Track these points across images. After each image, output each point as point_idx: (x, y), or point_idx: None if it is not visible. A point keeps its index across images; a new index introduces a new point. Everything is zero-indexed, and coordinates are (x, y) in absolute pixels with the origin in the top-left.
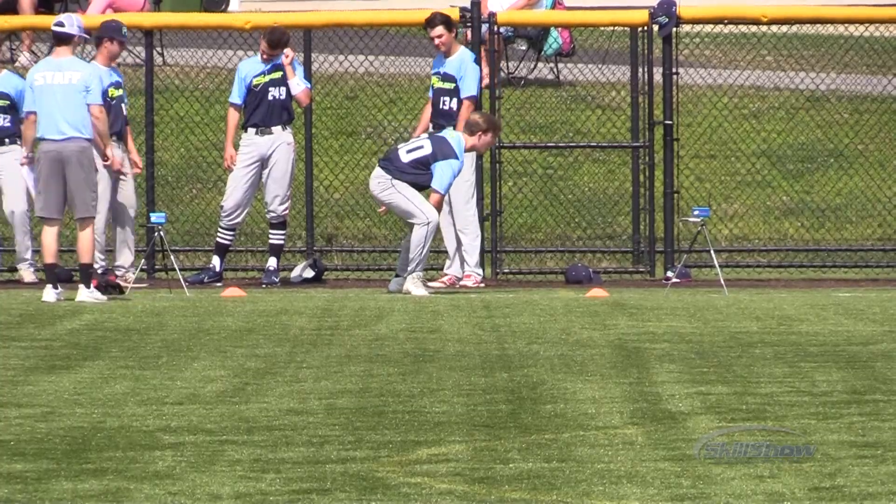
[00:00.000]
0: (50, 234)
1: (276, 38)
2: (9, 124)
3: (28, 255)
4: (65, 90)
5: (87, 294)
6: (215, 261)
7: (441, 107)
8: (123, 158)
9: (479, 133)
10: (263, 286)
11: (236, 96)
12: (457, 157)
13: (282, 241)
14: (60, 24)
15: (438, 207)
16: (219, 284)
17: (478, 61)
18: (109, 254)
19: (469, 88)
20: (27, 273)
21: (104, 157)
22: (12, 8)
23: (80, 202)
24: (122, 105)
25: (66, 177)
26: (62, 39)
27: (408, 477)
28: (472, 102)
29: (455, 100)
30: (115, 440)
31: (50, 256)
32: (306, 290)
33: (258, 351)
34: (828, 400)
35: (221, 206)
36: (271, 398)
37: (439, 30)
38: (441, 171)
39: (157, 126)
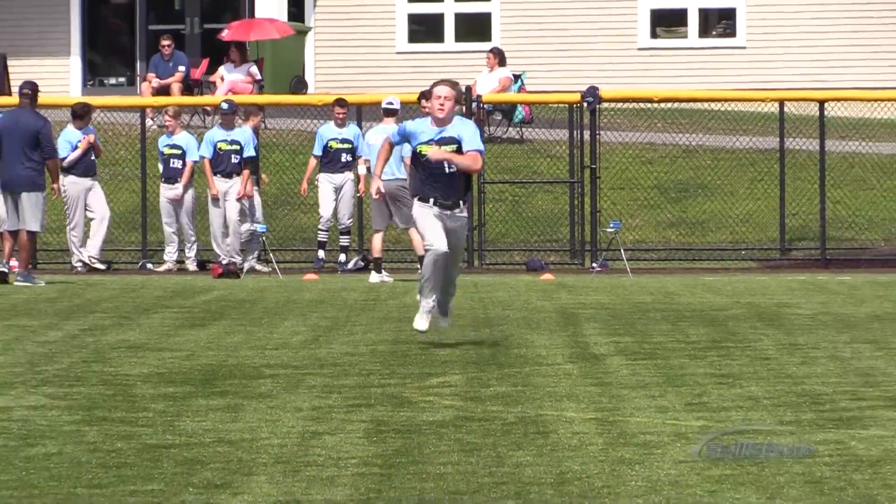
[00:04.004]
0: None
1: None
2: (180, 166)
3: (192, 253)
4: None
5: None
6: (320, 253)
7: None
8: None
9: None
10: (340, 272)
11: (318, 149)
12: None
13: (348, 243)
14: (390, 102)
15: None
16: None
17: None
18: (242, 253)
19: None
20: (191, 265)
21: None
22: (166, 91)
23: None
24: (231, 154)
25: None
26: (388, 113)
27: (424, 396)
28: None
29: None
30: (233, 373)
31: (375, 252)
32: (358, 275)
33: (326, 314)
34: (697, 346)
35: (320, 216)
36: (335, 345)
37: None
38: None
39: (262, 170)
